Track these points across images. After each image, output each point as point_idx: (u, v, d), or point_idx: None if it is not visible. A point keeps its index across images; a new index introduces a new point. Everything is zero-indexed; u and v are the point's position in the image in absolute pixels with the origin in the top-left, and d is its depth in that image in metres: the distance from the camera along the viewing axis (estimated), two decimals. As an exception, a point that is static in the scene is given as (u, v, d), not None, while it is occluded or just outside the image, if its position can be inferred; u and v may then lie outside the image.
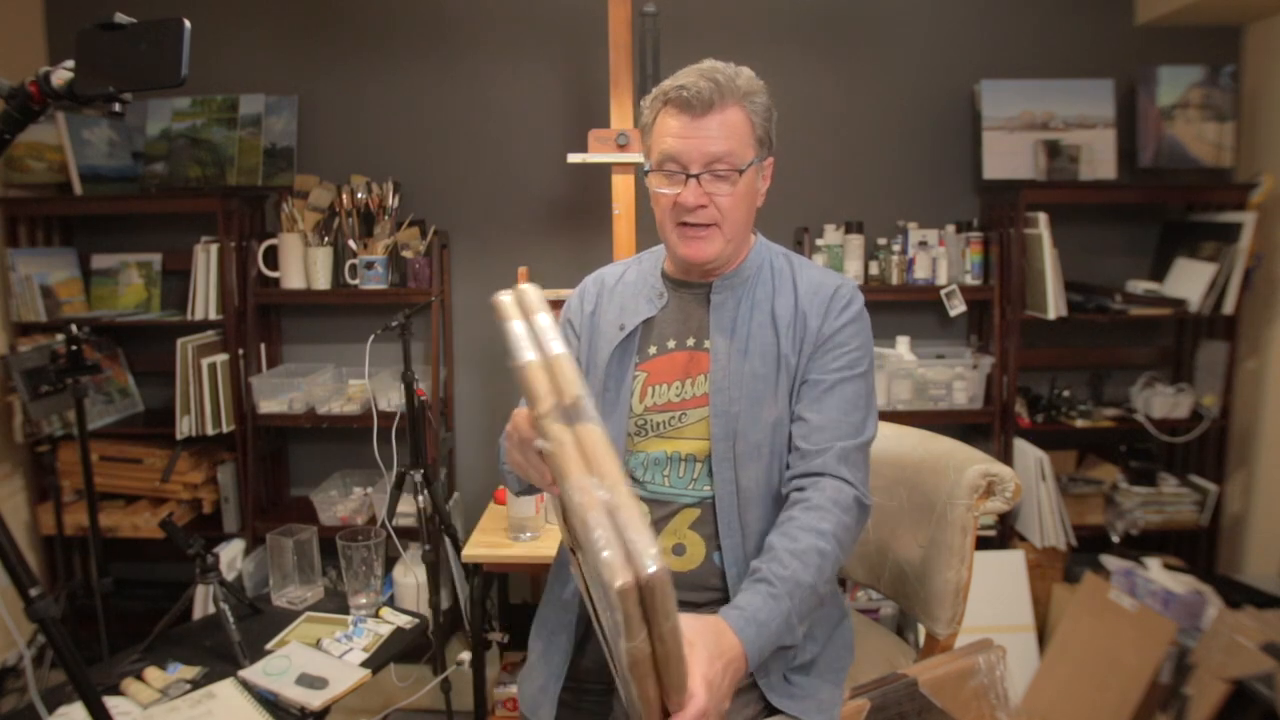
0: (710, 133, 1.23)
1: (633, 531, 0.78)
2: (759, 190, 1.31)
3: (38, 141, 2.67)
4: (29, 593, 1.18)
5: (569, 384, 0.90)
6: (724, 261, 1.32)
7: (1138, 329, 2.90)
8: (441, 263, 2.76)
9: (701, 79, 1.22)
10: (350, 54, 2.85)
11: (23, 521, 2.74)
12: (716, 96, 1.22)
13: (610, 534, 0.78)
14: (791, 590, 1.13)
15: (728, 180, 1.24)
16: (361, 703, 2.41)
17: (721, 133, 1.23)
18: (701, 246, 1.27)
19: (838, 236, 2.73)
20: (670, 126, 1.25)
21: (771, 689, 1.24)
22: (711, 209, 1.25)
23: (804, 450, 1.25)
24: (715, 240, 1.27)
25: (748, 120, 1.25)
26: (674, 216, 1.27)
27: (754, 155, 1.26)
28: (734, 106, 1.24)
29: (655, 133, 1.28)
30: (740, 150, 1.24)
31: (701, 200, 1.24)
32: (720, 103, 1.22)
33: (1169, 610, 2.27)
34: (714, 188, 1.24)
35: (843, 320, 1.30)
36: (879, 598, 2.61)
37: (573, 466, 0.84)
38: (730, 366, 1.29)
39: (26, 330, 2.67)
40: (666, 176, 1.26)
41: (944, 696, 1.39)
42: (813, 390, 1.27)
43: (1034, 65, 2.77)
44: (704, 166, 1.23)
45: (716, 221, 1.26)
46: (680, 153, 1.24)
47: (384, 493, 2.57)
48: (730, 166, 1.24)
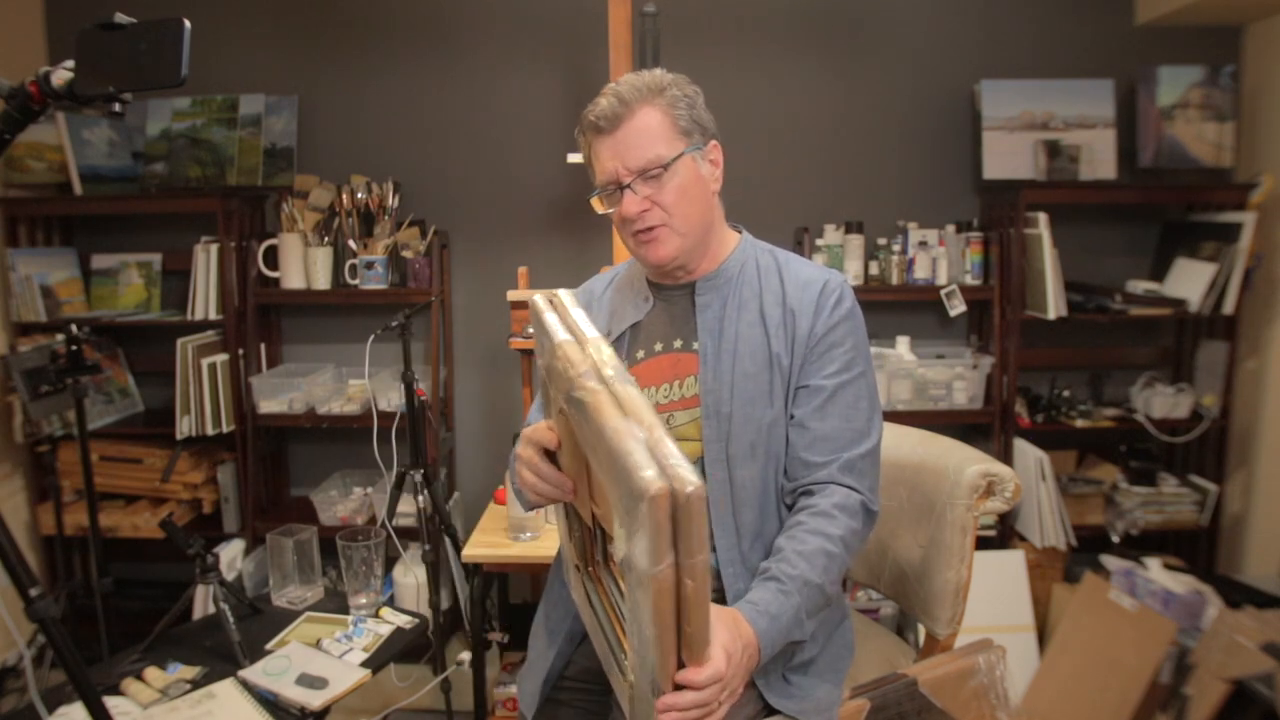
0: (627, 143, 1.25)
1: (673, 458, 0.79)
2: (706, 177, 1.30)
3: (38, 141, 2.67)
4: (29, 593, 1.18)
5: (603, 356, 0.94)
6: (691, 256, 1.31)
7: (1138, 329, 2.90)
8: (441, 263, 2.76)
9: (608, 98, 1.26)
10: (350, 54, 2.85)
11: (23, 521, 2.74)
12: (621, 109, 1.24)
13: (647, 456, 0.78)
14: (800, 588, 1.14)
15: (658, 179, 1.25)
16: (361, 703, 2.41)
17: (637, 139, 1.25)
18: (657, 248, 1.29)
19: (838, 236, 2.73)
20: (595, 151, 1.29)
21: (770, 689, 1.23)
22: (655, 210, 1.26)
23: (808, 461, 1.25)
24: (669, 239, 1.28)
25: (664, 115, 1.26)
26: (626, 228, 1.30)
27: (684, 146, 1.27)
28: (644, 109, 1.25)
29: (592, 161, 1.32)
30: (662, 147, 1.25)
31: (640, 205, 1.26)
32: (627, 112, 1.24)
33: (1169, 610, 2.27)
34: (647, 190, 1.26)
35: (834, 319, 1.29)
36: (879, 598, 2.61)
37: (609, 410, 0.85)
38: (719, 367, 1.28)
39: (26, 330, 2.68)
40: (605, 198, 1.29)
41: (944, 696, 1.39)
42: (813, 398, 1.27)
43: (1034, 65, 2.77)
44: (632, 175, 1.25)
45: (664, 222, 1.27)
46: (608, 171, 1.27)
47: (384, 493, 2.57)
48: (656, 165, 1.25)
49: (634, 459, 0.78)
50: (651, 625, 0.84)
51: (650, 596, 0.81)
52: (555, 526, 2.12)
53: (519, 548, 2.07)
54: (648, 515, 0.76)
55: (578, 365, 0.92)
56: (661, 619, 0.83)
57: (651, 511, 0.76)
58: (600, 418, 0.84)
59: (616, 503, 0.85)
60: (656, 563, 0.79)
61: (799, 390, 1.28)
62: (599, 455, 0.87)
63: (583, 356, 0.94)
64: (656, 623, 0.83)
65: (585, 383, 0.90)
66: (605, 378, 0.90)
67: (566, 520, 1.19)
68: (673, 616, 0.84)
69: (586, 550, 1.19)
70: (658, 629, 0.84)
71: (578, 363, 0.93)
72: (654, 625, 0.84)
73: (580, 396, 0.89)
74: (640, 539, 0.80)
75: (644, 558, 0.80)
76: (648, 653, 0.88)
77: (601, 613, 1.14)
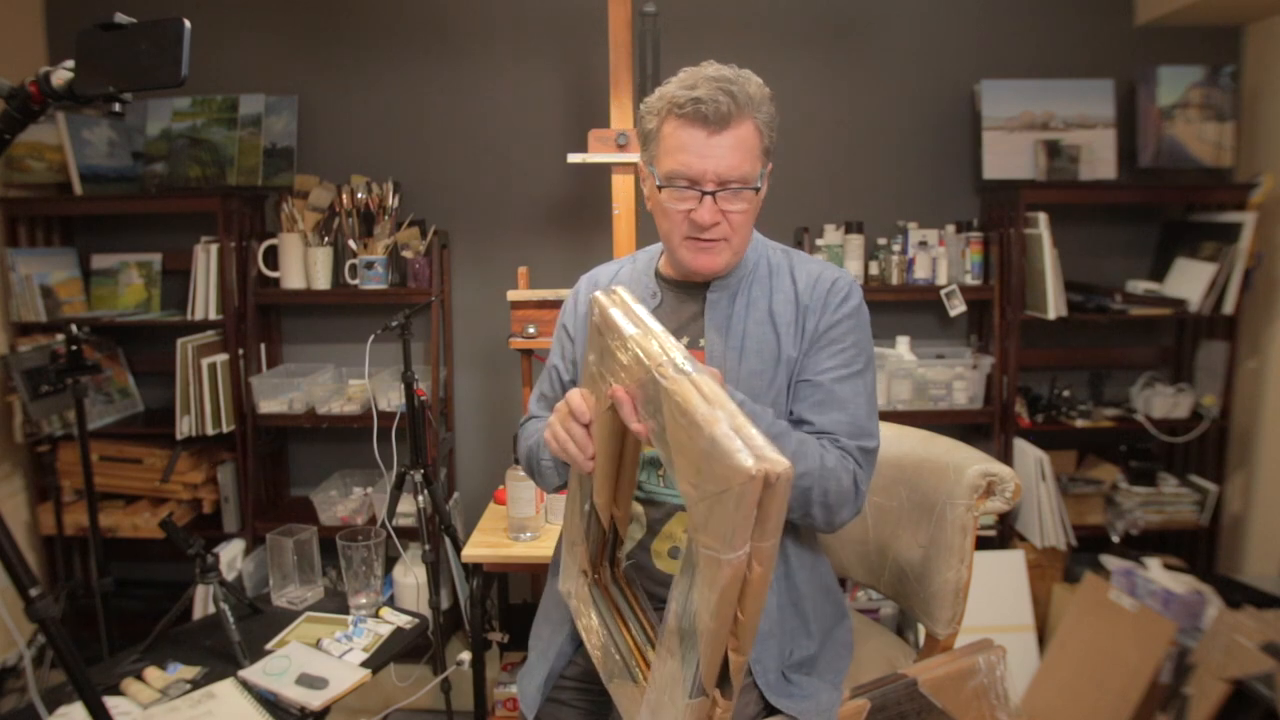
0: (725, 151, 1.20)
1: (759, 439, 0.80)
2: (762, 198, 1.30)
3: (38, 141, 2.67)
4: (29, 593, 1.18)
5: (675, 348, 0.95)
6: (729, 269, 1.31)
7: (1138, 329, 2.90)
8: (441, 263, 2.76)
9: (719, 92, 1.17)
10: (350, 54, 2.85)
11: (23, 521, 2.74)
12: (734, 112, 1.18)
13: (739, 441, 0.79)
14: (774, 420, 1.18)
15: (742, 198, 1.23)
16: (361, 703, 2.41)
17: (737, 153, 1.20)
18: (712, 259, 1.26)
19: (838, 236, 2.73)
20: (683, 140, 1.21)
21: (770, 688, 1.24)
22: (724, 225, 1.24)
23: None
24: (724, 253, 1.26)
25: (758, 134, 1.23)
26: (684, 231, 1.25)
27: (763, 167, 1.25)
28: (747, 121, 1.21)
29: (664, 144, 1.24)
30: (753, 165, 1.22)
31: (716, 218, 1.22)
32: (736, 118, 1.19)
33: (1169, 610, 2.27)
34: (728, 205, 1.22)
35: (840, 314, 1.29)
36: (879, 598, 2.61)
37: (694, 398, 0.86)
38: (726, 365, 1.28)
39: (26, 330, 2.68)
40: (678, 193, 1.23)
41: (944, 696, 1.39)
42: (813, 392, 1.27)
43: (1034, 65, 2.77)
44: (719, 185, 1.21)
45: (727, 236, 1.25)
46: (695, 171, 1.21)
47: (384, 493, 2.57)
48: (745, 184, 1.22)
49: (728, 444, 0.79)
50: (713, 617, 0.84)
51: (720, 586, 0.81)
52: (555, 526, 2.13)
53: (519, 548, 2.07)
54: (740, 497, 0.77)
55: (655, 356, 0.93)
56: (724, 609, 0.83)
57: (744, 494, 0.77)
58: (687, 403, 0.86)
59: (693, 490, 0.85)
60: (735, 548, 0.80)
61: (799, 384, 1.28)
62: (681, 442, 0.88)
63: (657, 349, 0.95)
64: (719, 612, 0.83)
65: (666, 371, 0.91)
66: (682, 368, 0.92)
67: (583, 524, 1.19)
68: (734, 605, 0.84)
69: (598, 556, 1.19)
70: (717, 620, 0.84)
71: (655, 354, 0.94)
72: (715, 617, 0.83)
73: (663, 384, 0.90)
74: (717, 526, 0.80)
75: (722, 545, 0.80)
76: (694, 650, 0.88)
77: (609, 618, 1.14)
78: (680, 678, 0.91)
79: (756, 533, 0.80)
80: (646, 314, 1.04)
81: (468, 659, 2.20)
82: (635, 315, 1.04)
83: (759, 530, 0.80)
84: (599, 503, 1.14)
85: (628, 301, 1.08)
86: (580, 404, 1.10)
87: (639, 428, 0.99)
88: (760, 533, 0.80)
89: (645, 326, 1.01)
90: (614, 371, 1.03)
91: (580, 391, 1.12)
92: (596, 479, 1.12)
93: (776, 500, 0.78)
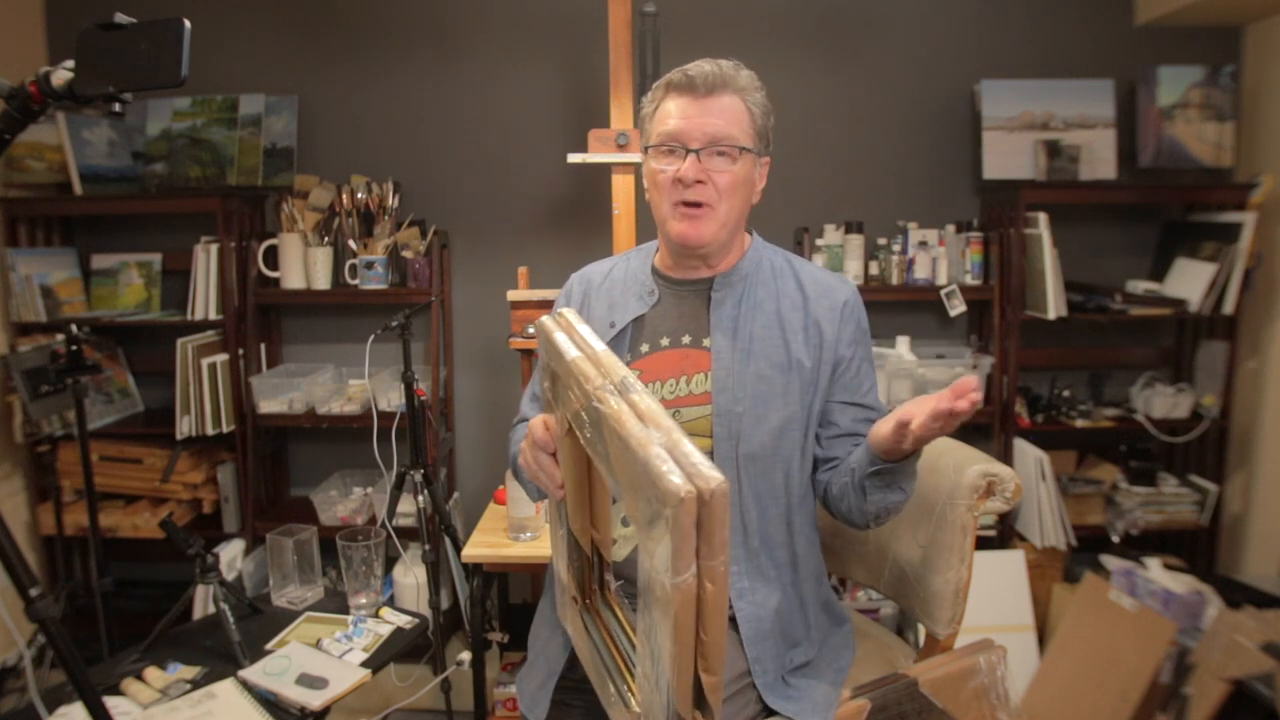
0: (712, 112, 1.25)
1: (693, 457, 0.79)
2: (755, 186, 1.32)
3: (38, 141, 2.67)
4: (29, 593, 1.18)
5: (615, 368, 0.94)
6: (717, 248, 1.31)
7: (1138, 329, 2.90)
8: (441, 263, 2.76)
9: (706, 63, 1.26)
10: (350, 54, 2.85)
11: (23, 521, 2.74)
12: (720, 81, 1.25)
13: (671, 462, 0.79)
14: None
15: (728, 157, 1.25)
16: (361, 703, 2.41)
17: (723, 114, 1.25)
18: (697, 226, 1.27)
19: (838, 236, 2.73)
20: (671, 109, 1.27)
21: (769, 689, 1.24)
22: (709, 187, 1.25)
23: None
24: (710, 221, 1.27)
25: (748, 111, 1.27)
26: (671, 195, 1.27)
27: (753, 146, 1.28)
28: (735, 95, 1.26)
29: (656, 117, 1.30)
30: (741, 133, 1.26)
31: (700, 175, 1.25)
32: (723, 87, 1.25)
33: (1169, 610, 2.27)
34: (713, 164, 1.25)
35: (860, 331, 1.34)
36: (879, 598, 2.61)
37: (629, 420, 0.85)
38: (734, 366, 1.28)
39: (26, 330, 2.68)
40: (666, 152, 1.27)
41: (944, 696, 1.39)
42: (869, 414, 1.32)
43: (1034, 65, 2.77)
44: (705, 143, 1.24)
45: (712, 202, 1.26)
46: (682, 130, 1.25)
47: (384, 493, 2.57)
48: (732, 143, 1.25)
49: (659, 465, 0.78)
50: (671, 640, 0.83)
51: (672, 609, 0.80)
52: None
53: (519, 548, 2.07)
54: (675, 520, 0.76)
55: (593, 379, 0.93)
56: (682, 633, 0.82)
57: (678, 516, 0.76)
58: (621, 428, 0.85)
59: (637, 515, 0.84)
60: (680, 572, 0.78)
61: (849, 406, 1.32)
62: (621, 467, 0.87)
63: (595, 370, 0.94)
64: (676, 637, 0.82)
65: (603, 395, 0.90)
66: (620, 388, 0.91)
67: (566, 550, 1.18)
68: (692, 629, 0.83)
69: (585, 581, 1.18)
70: (677, 645, 0.83)
71: (593, 377, 0.93)
72: (674, 641, 0.83)
73: (599, 409, 0.89)
74: (663, 550, 0.79)
75: (667, 569, 0.79)
76: (664, 674, 0.87)
77: (601, 645, 1.13)
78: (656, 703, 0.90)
79: (703, 551, 0.78)
80: (590, 334, 1.03)
81: (468, 659, 2.20)
82: (579, 336, 1.03)
83: (705, 549, 0.78)
84: (575, 528, 1.13)
85: (573, 323, 1.07)
86: (543, 434, 1.10)
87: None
88: (707, 550, 0.78)
89: (588, 348, 1.00)
90: (563, 397, 1.02)
91: (544, 419, 1.12)
92: (570, 504, 1.11)
93: (716, 516, 0.77)
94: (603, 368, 0.95)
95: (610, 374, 0.93)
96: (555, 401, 1.07)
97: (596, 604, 1.19)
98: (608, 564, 1.18)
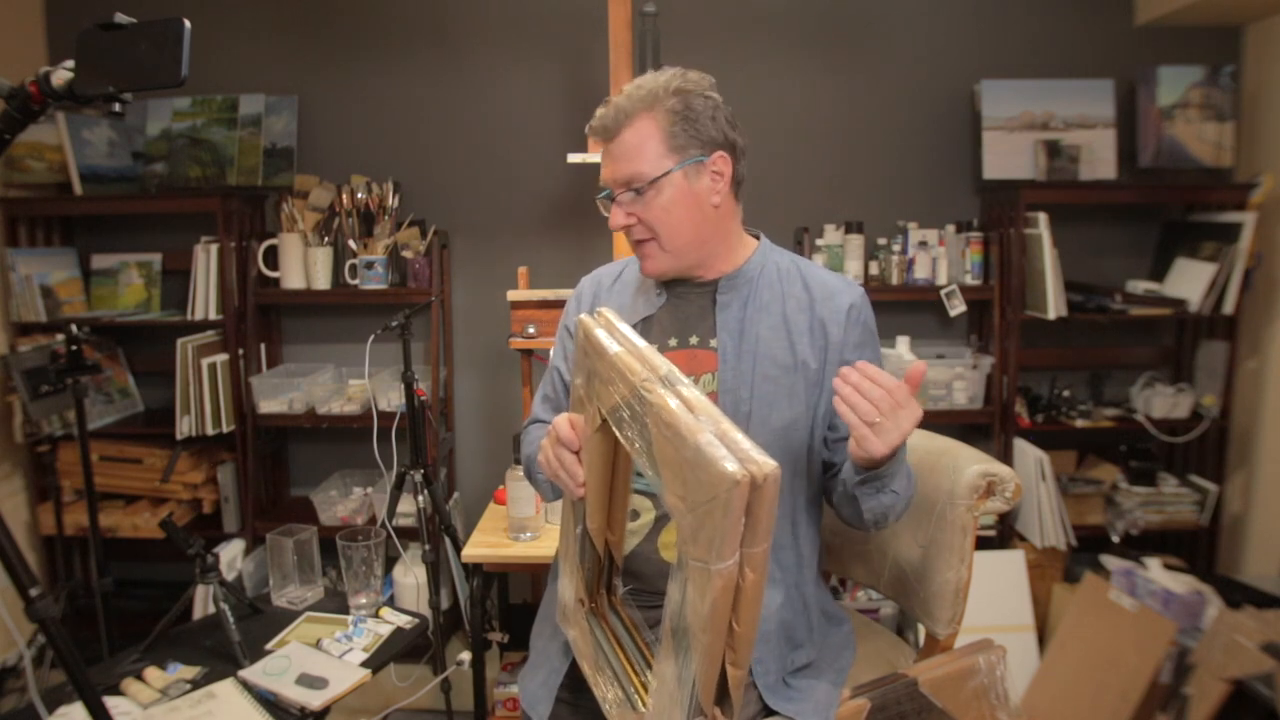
0: (616, 155, 1.26)
1: (744, 444, 0.81)
2: (701, 192, 1.26)
3: (38, 141, 2.67)
4: (29, 593, 1.17)
5: (659, 363, 0.96)
6: (693, 264, 1.32)
7: (1138, 329, 2.90)
8: (441, 263, 2.76)
9: (607, 105, 1.26)
10: (350, 54, 2.85)
11: (23, 521, 2.74)
12: (618, 119, 1.24)
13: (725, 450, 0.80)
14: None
15: (641, 195, 1.25)
16: (361, 703, 2.41)
17: (625, 152, 1.25)
18: (651, 262, 1.31)
19: (838, 236, 2.73)
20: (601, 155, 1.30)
21: (769, 690, 1.24)
22: (639, 226, 1.28)
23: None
24: (659, 254, 1.29)
25: (657, 129, 1.23)
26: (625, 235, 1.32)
27: (673, 162, 1.24)
28: (639, 120, 1.23)
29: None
30: (645, 165, 1.24)
31: (624, 220, 1.27)
32: (623, 122, 1.24)
33: (1169, 610, 2.27)
34: (632, 206, 1.27)
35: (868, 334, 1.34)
36: (879, 598, 2.61)
37: (680, 411, 0.87)
38: (740, 367, 1.29)
39: (26, 330, 2.68)
40: (604, 204, 1.31)
41: (944, 696, 1.39)
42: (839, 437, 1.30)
43: (1034, 65, 2.77)
44: (619, 188, 1.27)
45: (650, 237, 1.28)
46: (604, 178, 1.29)
47: (384, 493, 2.57)
48: (637, 182, 1.24)
49: (712, 451, 0.79)
50: (705, 631, 0.83)
51: (711, 597, 0.81)
52: (555, 527, 2.13)
53: (519, 548, 2.07)
54: (726, 503, 0.77)
55: (639, 372, 0.94)
56: (717, 622, 0.82)
57: (730, 499, 0.76)
58: (670, 416, 0.86)
59: (680, 504, 0.85)
60: (725, 558, 0.79)
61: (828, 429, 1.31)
62: (665, 456, 0.87)
63: (640, 364, 0.96)
64: (711, 626, 0.82)
65: (650, 385, 0.91)
66: (665, 380, 0.92)
67: (577, 550, 1.18)
68: (727, 617, 0.83)
69: (594, 583, 1.18)
70: (711, 634, 0.83)
71: (638, 370, 0.95)
72: (708, 630, 0.83)
73: (646, 398, 0.90)
74: (706, 537, 0.80)
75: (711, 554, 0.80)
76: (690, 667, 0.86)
77: (607, 646, 1.13)
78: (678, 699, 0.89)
79: (747, 539, 0.79)
80: (631, 332, 1.05)
81: (468, 659, 2.20)
82: (620, 334, 1.05)
83: (749, 536, 0.79)
84: (592, 528, 1.13)
85: (613, 321, 1.09)
86: (568, 431, 1.11)
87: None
88: (751, 538, 0.79)
89: (629, 344, 1.01)
90: (600, 392, 1.03)
91: (569, 417, 1.13)
92: (589, 504, 1.11)
93: (765, 504, 0.78)
94: (647, 362, 0.96)
95: (655, 368, 0.95)
96: (589, 398, 1.08)
97: (603, 608, 1.19)
98: (618, 568, 1.19)
